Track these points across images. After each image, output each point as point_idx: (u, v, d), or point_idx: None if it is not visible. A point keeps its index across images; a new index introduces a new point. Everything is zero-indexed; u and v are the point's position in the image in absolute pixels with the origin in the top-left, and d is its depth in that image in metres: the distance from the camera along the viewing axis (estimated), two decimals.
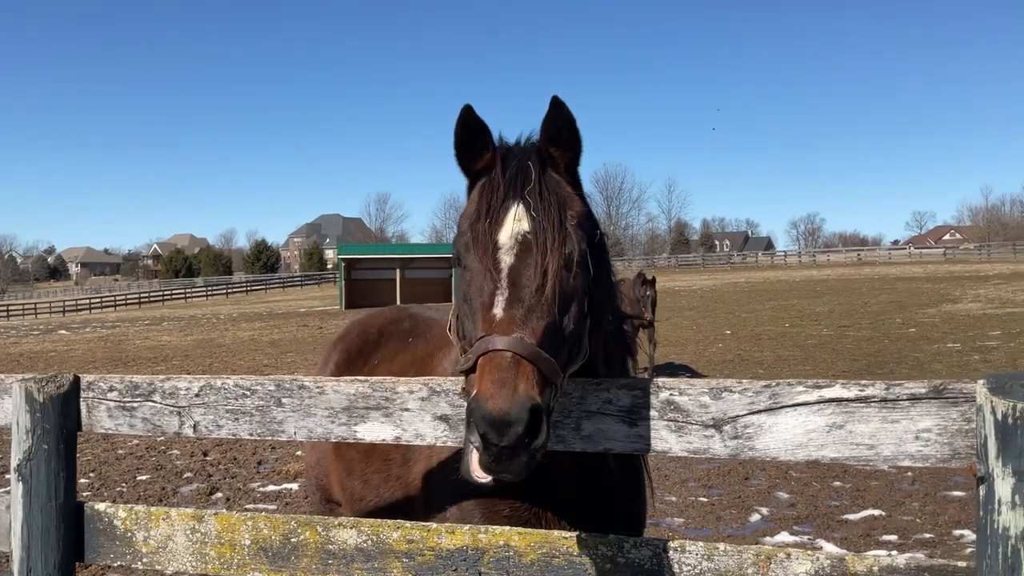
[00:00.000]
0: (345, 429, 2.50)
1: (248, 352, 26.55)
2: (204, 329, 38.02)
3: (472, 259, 2.22)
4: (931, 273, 55.12)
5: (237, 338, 32.35)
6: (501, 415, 1.87)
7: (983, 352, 19.07)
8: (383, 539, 2.45)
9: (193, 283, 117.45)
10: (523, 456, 1.92)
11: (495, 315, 2.09)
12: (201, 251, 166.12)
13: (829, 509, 8.56)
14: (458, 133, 2.34)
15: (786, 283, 52.23)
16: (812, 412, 2.08)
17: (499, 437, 1.87)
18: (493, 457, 1.91)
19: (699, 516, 8.45)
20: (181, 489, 10.13)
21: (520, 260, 2.17)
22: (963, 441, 1.97)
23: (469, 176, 2.43)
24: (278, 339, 30.98)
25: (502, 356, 1.98)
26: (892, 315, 28.99)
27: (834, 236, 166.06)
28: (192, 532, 2.68)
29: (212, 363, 23.70)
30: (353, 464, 3.59)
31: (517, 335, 2.02)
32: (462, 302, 2.27)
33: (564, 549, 2.31)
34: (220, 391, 2.61)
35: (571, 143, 2.36)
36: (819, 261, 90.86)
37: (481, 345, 2.03)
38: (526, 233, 2.20)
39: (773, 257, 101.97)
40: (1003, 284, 40.87)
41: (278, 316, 45.15)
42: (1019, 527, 1.80)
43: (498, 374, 1.95)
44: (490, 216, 2.23)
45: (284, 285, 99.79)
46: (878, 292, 40.19)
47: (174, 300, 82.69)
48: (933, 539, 7.53)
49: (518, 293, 2.13)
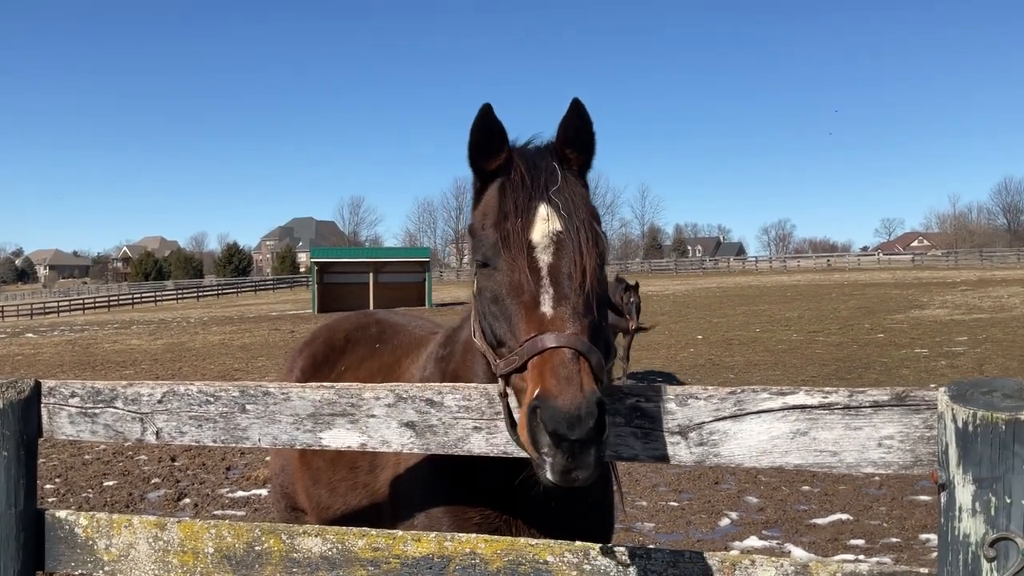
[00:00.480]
0: (310, 436, 2.47)
1: (218, 356, 26.31)
2: (174, 333, 37.63)
3: (505, 259, 2.20)
4: (899, 279, 55.77)
5: (207, 342, 32.05)
6: (575, 410, 1.85)
7: (950, 357, 19.30)
8: (348, 547, 2.42)
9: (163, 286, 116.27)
10: (594, 451, 1.90)
11: (545, 314, 2.08)
12: (172, 254, 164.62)
13: (798, 513, 8.62)
14: (476, 132, 2.32)
15: (757, 288, 52.63)
16: (776, 419, 2.09)
17: (573, 431, 1.84)
18: (567, 453, 1.87)
19: (669, 520, 8.48)
20: (148, 495, 10.01)
21: (558, 259, 2.17)
22: (925, 448, 1.98)
23: (481, 176, 2.42)
24: (249, 343, 30.73)
25: (562, 353, 1.97)
26: (861, 320, 29.28)
27: (804, 242, 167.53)
28: (155, 540, 2.64)
29: (181, 367, 23.46)
30: (319, 472, 3.55)
31: (571, 332, 2.02)
32: (490, 304, 2.24)
33: (530, 556, 2.30)
34: (183, 397, 2.58)
35: (587, 146, 2.37)
36: (789, 267, 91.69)
37: (533, 345, 2.02)
38: (559, 232, 2.20)
39: (744, 263, 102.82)
40: (970, 290, 41.44)
41: (249, 320, 44.78)
42: (979, 534, 1.81)
43: (563, 370, 1.93)
44: (520, 215, 2.21)
45: (256, 288, 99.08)
46: (847, 298, 40.59)
47: (144, 303, 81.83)
48: (900, 543, 7.61)
49: (562, 291, 2.12)
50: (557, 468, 1.90)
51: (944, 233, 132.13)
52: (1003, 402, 1.84)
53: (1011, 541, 1.79)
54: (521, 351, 2.05)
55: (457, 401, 2.37)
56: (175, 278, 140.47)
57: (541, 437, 1.90)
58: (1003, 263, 79.13)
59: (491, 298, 2.23)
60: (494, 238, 2.23)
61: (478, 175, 2.43)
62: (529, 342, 2.03)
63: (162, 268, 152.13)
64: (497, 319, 2.20)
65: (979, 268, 71.70)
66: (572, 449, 1.87)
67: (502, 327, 2.18)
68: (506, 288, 2.18)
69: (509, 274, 2.18)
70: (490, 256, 2.24)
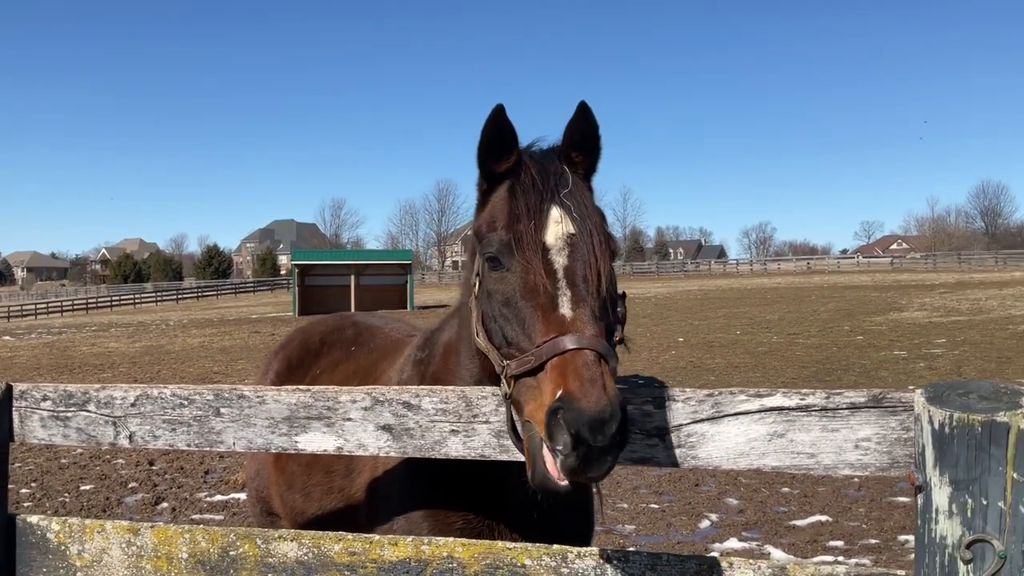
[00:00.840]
0: (286, 440, 2.45)
1: (197, 359, 26.12)
2: (153, 335, 37.34)
3: (518, 261, 2.17)
4: (878, 282, 56.18)
5: (187, 345, 31.82)
6: (599, 413, 1.82)
7: (928, 360, 19.44)
8: (324, 552, 2.40)
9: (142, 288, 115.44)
10: (611, 456, 1.88)
11: (564, 315, 2.06)
12: (151, 256, 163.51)
13: (777, 515, 8.64)
14: (488, 133, 2.30)
15: (738, 291, 52.85)
16: (754, 421, 2.09)
17: (595, 437, 1.81)
18: (582, 459, 1.84)
19: (650, 523, 8.48)
20: (126, 499, 9.91)
21: (573, 261, 2.16)
22: (902, 450, 1.98)
23: (489, 178, 2.39)
24: (229, 346, 30.54)
25: (585, 355, 1.95)
26: (840, 323, 29.44)
27: (785, 245, 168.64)
28: (128, 545, 2.61)
29: (160, 370, 23.27)
30: (293, 477, 3.51)
31: (592, 334, 2.01)
32: (501, 306, 2.21)
33: (508, 560, 2.28)
34: (157, 401, 2.55)
35: (593, 150, 2.37)
36: (770, 269, 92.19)
37: (554, 345, 1.99)
38: (572, 235, 2.19)
39: (726, 265, 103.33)
40: (948, 293, 41.78)
41: (229, 322, 44.52)
42: (956, 536, 1.81)
43: (587, 372, 1.90)
44: (532, 217, 2.19)
45: (236, 291, 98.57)
46: (827, 300, 40.83)
47: (123, 306, 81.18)
48: (879, 545, 7.64)
49: (580, 293, 2.11)
50: (568, 468, 1.87)
51: (923, 236, 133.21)
52: (979, 404, 1.84)
53: (987, 543, 1.79)
54: (539, 352, 2.01)
55: (434, 404, 2.36)
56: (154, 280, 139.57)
57: (560, 436, 1.86)
58: (981, 266, 79.95)
59: (502, 300, 2.20)
60: (506, 239, 2.21)
61: (486, 177, 2.40)
62: (548, 343, 2.00)
63: (141, 270, 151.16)
64: (509, 321, 2.17)
65: (957, 271, 72.37)
66: (589, 455, 1.84)
67: (514, 329, 2.15)
68: (520, 290, 2.16)
69: (523, 276, 2.16)
70: (503, 256, 2.22)
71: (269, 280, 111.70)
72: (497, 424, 2.32)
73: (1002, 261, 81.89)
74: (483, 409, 2.33)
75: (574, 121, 2.31)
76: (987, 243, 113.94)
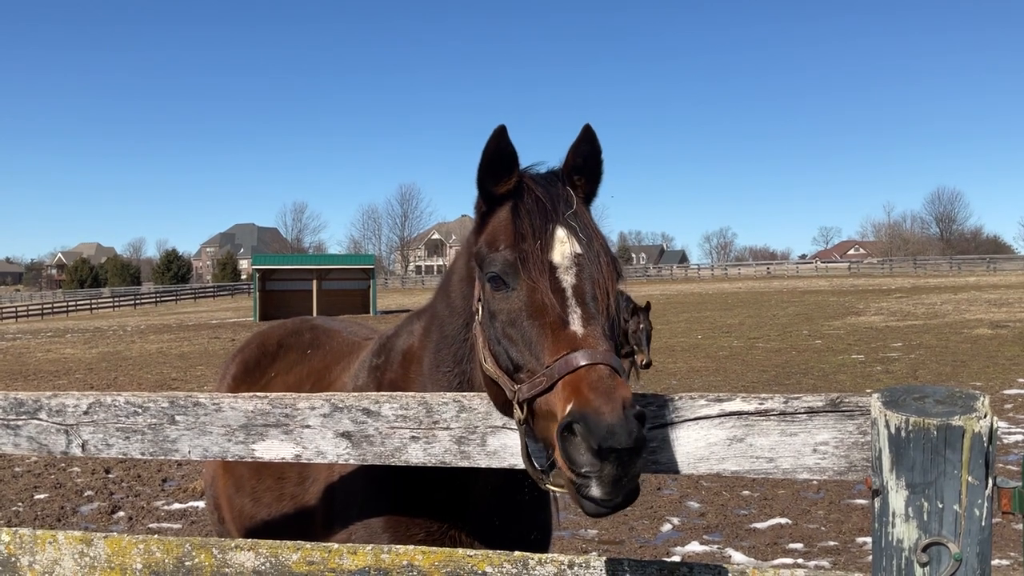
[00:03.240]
0: (243, 448, 2.41)
1: (156, 365, 25.75)
2: (110, 341, 36.75)
3: (524, 280, 2.14)
4: (837, 286, 56.99)
5: (145, 351, 31.36)
6: (619, 423, 1.79)
7: (885, 363, 19.74)
8: (282, 561, 2.37)
9: (100, 294, 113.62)
10: (639, 464, 1.85)
11: (575, 332, 2.03)
12: (108, 260, 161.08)
13: (738, 518, 8.71)
14: (489, 154, 2.26)
15: (699, 296, 53.28)
16: (713, 426, 2.10)
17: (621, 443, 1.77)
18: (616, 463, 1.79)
19: (612, 527, 8.50)
20: (81, 508, 9.73)
21: (581, 280, 2.14)
22: (859, 454, 2.00)
23: (488, 199, 2.36)
24: (188, 351, 30.15)
25: (600, 369, 1.92)
26: (799, 327, 29.81)
27: (745, 250, 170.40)
28: (80, 556, 2.55)
29: (117, 377, 22.91)
30: (242, 480, 3.44)
31: (604, 349, 1.99)
32: (507, 327, 2.16)
33: (469, 567, 2.27)
34: (110, 408, 2.49)
35: (595, 174, 2.36)
36: (731, 274, 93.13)
37: (566, 363, 1.95)
38: (579, 255, 2.17)
39: (687, 270, 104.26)
40: (904, 297, 42.47)
41: (188, 328, 43.96)
42: (912, 539, 1.83)
43: (603, 385, 1.88)
44: (538, 237, 2.17)
45: (196, 296, 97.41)
46: (786, 305, 41.33)
47: (79, 311, 79.82)
48: (837, 547, 7.73)
49: (589, 311, 2.09)
50: (607, 479, 1.81)
51: (879, 241, 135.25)
52: (935, 408, 1.86)
53: (943, 546, 1.81)
54: (550, 371, 1.98)
55: (394, 410, 2.34)
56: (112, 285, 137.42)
57: (578, 456, 1.82)
58: (936, 271, 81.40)
59: (508, 321, 2.16)
60: (511, 258, 2.17)
61: (485, 198, 2.37)
62: (560, 361, 1.97)
63: (98, 275, 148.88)
64: (515, 343, 2.13)
65: (913, 276, 73.59)
66: (620, 459, 1.79)
67: (521, 351, 2.11)
68: (527, 310, 2.12)
69: (530, 295, 2.12)
70: (508, 277, 2.18)
71: (230, 285, 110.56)
72: (458, 431, 2.31)
73: (956, 266, 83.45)
74: (444, 415, 2.32)
75: (578, 144, 2.30)
76: (942, 248, 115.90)
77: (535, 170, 2.39)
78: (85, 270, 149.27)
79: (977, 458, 1.80)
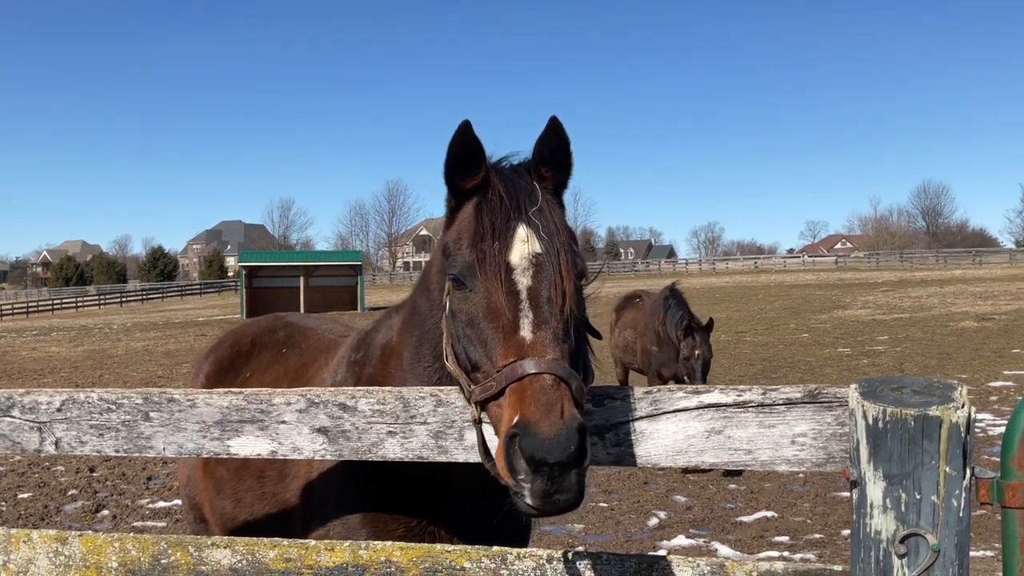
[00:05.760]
0: (218, 444, 2.38)
1: (142, 363, 25.62)
2: (96, 339, 36.54)
3: (481, 281, 2.13)
4: (823, 280, 57.19)
5: (130, 348, 31.20)
6: (554, 438, 1.81)
7: (871, 356, 19.82)
8: (259, 558, 2.34)
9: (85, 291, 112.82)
10: (575, 475, 1.85)
11: (524, 338, 2.02)
12: (94, 258, 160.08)
13: (724, 511, 8.73)
14: (454, 149, 2.24)
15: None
16: (692, 418, 2.08)
17: (551, 457, 1.80)
18: (546, 477, 1.82)
19: (599, 521, 8.50)
20: (65, 507, 9.68)
21: (537, 282, 2.11)
22: (837, 445, 1.99)
23: (456, 194, 2.34)
24: (174, 349, 30.01)
25: (543, 380, 1.92)
26: (786, 321, 29.91)
27: (733, 245, 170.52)
28: (55, 555, 2.52)
29: (103, 375, 22.77)
30: (223, 482, 3.41)
31: (551, 357, 1.97)
32: (465, 327, 2.16)
33: (447, 563, 2.25)
34: (84, 405, 2.46)
35: (563, 166, 2.33)
36: (718, 269, 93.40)
37: (512, 371, 1.96)
38: (538, 254, 2.14)
39: (675, 265, 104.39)
40: (891, 291, 42.67)
41: (175, 325, 43.76)
42: (890, 530, 1.82)
43: (543, 397, 1.88)
44: (497, 237, 2.14)
45: (182, 293, 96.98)
46: (774, 299, 41.46)
47: (64, 309, 79.31)
48: (823, 539, 7.75)
49: (542, 315, 2.06)
50: (537, 492, 1.84)
51: (866, 235, 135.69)
52: (912, 398, 1.85)
53: (921, 537, 1.80)
54: (499, 376, 1.99)
55: (371, 405, 2.31)
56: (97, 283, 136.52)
57: (518, 464, 1.85)
58: (922, 264, 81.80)
59: (466, 321, 2.16)
60: (470, 259, 2.16)
61: (453, 193, 2.35)
62: (508, 368, 1.98)
63: (84, 273, 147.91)
64: (473, 343, 2.13)
65: (899, 269, 73.97)
66: (551, 473, 1.82)
67: (478, 351, 2.11)
68: (483, 311, 2.11)
69: (486, 297, 2.11)
70: (466, 278, 2.17)
71: (216, 282, 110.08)
72: (436, 425, 2.29)
73: (943, 259, 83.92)
74: (420, 410, 2.30)
75: (544, 136, 2.27)
76: (928, 242, 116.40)
77: (507, 163, 2.37)
78: (71, 268, 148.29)
79: (955, 448, 1.79)
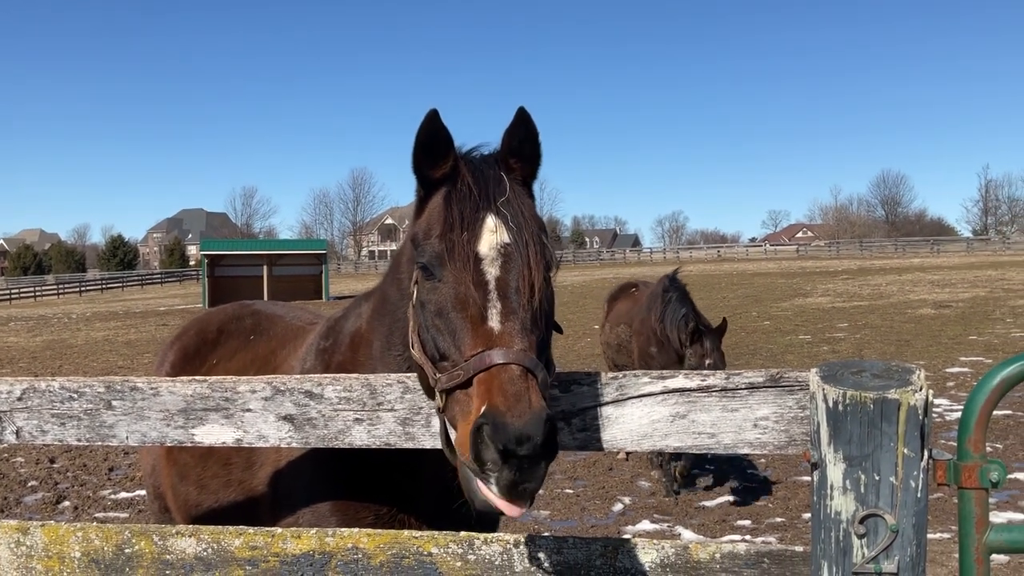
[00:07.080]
0: (182, 432, 2.37)
1: (102, 353, 25.26)
2: (55, 329, 35.97)
3: (450, 271, 2.12)
4: (785, 269, 57.84)
5: (90, 338, 30.75)
6: (523, 427, 1.80)
7: (831, 343, 20.10)
8: (224, 547, 2.33)
9: (44, 281, 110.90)
10: (543, 466, 1.86)
11: (491, 328, 2.02)
12: (52, 247, 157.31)
13: (687, 496, 8.83)
14: (422, 138, 2.23)
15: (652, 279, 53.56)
16: (657, 403, 2.11)
17: (522, 448, 1.80)
18: (515, 468, 1.82)
19: (564, 508, 8.56)
20: (25, 499, 9.53)
21: (505, 272, 2.10)
22: (799, 428, 2.03)
23: (425, 184, 2.33)
24: (135, 339, 29.62)
25: (510, 370, 1.92)
26: (749, 309, 30.22)
27: (696, 233, 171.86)
28: (16, 545, 2.49)
29: (62, 365, 22.44)
30: (187, 468, 3.38)
31: (519, 348, 1.97)
32: (434, 317, 2.15)
33: (415, 549, 2.26)
34: (45, 394, 2.43)
35: (532, 157, 2.32)
36: (683, 257, 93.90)
37: (480, 360, 1.95)
38: (507, 244, 2.13)
39: (640, 254, 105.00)
40: (850, 279, 43.27)
41: (135, 315, 43.19)
42: (850, 511, 1.86)
43: (511, 388, 1.88)
44: (466, 227, 2.13)
45: (143, 283, 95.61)
46: (736, 287, 41.85)
47: (22, 299, 77.90)
48: (784, 523, 7.87)
49: (510, 306, 2.06)
50: (504, 482, 1.85)
51: (827, 224, 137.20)
52: (871, 382, 1.89)
53: (880, 517, 1.84)
54: (467, 366, 1.98)
55: (338, 392, 2.31)
56: (56, 272, 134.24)
57: (486, 454, 1.84)
58: (881, 253, 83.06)
59: (435, 311, 2.15)
60: (439, 249, 2.16)
61: (422, 183, 2.34)
62: (476, 357, 1.97)
63: (42, 262, 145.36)
64: (440, 333, 2.13)
65: (859, 258, 75.03)
66: (520, 464, 1.82)
67: (446, 341, 2.11)
68: (451, 301, 2.11)
69: (454, 287, 2.11)
70: (434, 267, 2.17)
71: (178, 271, 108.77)
72: (403, 412, 2.29)
73: (901, 248, 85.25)
74: (388, 397, 2.30)
75: (512, 127, 2.27)
76: (887, 231, 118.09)
77: (476, 153, 2.37)
78: (28, 257, 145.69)
79: (913, 431, 1.83)
